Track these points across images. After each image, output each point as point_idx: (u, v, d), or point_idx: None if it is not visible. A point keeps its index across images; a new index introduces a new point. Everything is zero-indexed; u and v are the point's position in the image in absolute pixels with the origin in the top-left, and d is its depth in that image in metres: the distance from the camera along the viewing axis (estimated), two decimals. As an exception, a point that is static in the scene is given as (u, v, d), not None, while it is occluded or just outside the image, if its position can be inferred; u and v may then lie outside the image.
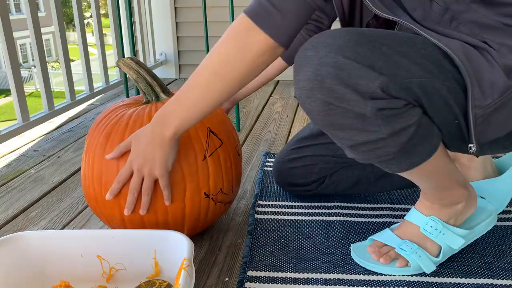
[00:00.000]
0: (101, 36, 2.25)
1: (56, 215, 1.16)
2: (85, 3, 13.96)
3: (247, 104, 2.23)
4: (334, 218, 1.09)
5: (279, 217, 1.11)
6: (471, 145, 0.73)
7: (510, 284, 0.85)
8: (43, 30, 1.83)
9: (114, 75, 2.46)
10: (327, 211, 1.13)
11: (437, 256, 0.88)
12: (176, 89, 0.91)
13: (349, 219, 1.09)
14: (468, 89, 0.69)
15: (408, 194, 1.21)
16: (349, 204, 1.16)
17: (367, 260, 0.90)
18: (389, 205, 1.15)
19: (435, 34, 0.71)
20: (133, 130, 0.89)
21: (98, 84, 2.28)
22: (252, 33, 0.71)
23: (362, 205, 1.15)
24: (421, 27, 0.71)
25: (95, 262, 0.83)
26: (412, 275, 0.87)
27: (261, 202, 1.18)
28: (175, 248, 0.80)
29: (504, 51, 0.69)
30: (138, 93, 1.81)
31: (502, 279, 0.86)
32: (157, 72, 2.91)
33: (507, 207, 1.11)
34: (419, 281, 0.86)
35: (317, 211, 1.13)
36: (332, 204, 1.16)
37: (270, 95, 2.38)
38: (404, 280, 0.86)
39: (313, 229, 1.05)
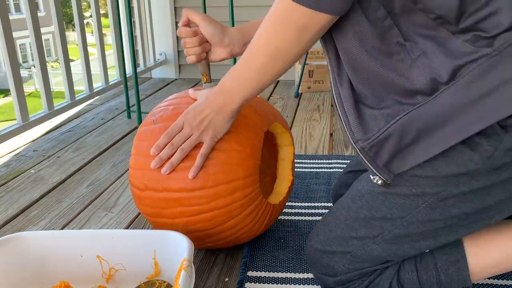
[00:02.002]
0: (101, 36, 2.25)
1: (55, 215, 1.16)
2: (85, 3, 13.96)
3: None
4: (334, 218, 1.09)
5: (280, 217, 1.11)
6: (372, 177, 0.72)
7: (510, 285, 0.85)
8: (42, 30, 1.83)
9: (114, 75, 2.46)
10: (327, 211, 1.13)
11: None
12: (176, 90, 0.91)
13: (349, 219, 1.09)
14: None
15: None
16: (349, 204, 1.16)
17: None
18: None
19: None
20: None
21: (97, 84, 2.28)
22: (302, 12, 0.65)
23: (362, 205, 1.15)
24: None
25: (94, 262, 0.83)
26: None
27: (261, 202, 1.18)
28: (175, 248, 0.80)
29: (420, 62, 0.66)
30: (138, 93, 1.81)
31: (502, 279, 0.86)
32: (157, 72, 2.91)
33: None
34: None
35: (317, 211, 1.13)
36: (331, 204, 1.16)
37: (270, 95, 2.38)
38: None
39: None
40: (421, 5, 0.63)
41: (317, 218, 1.10)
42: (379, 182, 0.71)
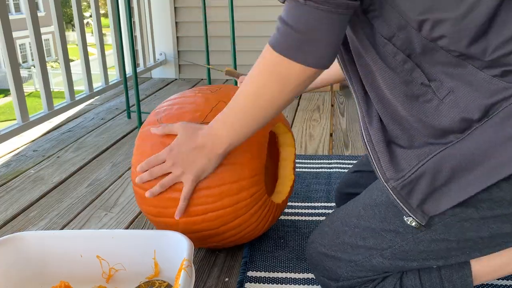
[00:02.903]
0: (101, 36, 2.24)
1: (55, 215, 1.16)
2: (84, 3, 13.96)
3: (247, 104, 2.22)
4: (334, 218, 1.09)
5: (280, 217, 1.11)
6: (406, 218, 0.69)
7: (510, 285, 0.85)
8: (42, 30, 1.83)
9: (114, 75, 2.46)
10: (327, 211, 1.13)
11: None
12: (176, 90, 0.91)
13: (349, 219, 1.09)
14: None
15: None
16: (349, 204, 1.16)
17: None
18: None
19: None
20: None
21: (97, 84, 2.28)
22: (287, 66, 0.67)
23: (362, 205, 1.15)
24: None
25: (94, 262, 0.83)
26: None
27: (261, 202, 1.18)
28: (174, 248, 0.79)
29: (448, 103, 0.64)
30: (138, 93, 1.81)
31: (502, 279, 0.86)
32: (157, 72, 2.90)
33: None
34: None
35: (317, 211, 1.13)
36: (332, 204, 1.16)
37: (270, 95, 2.37)
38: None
39: (313, 229, 1.05)
40: (443, 43, 0.62)
41: (317, 218, 1.10)
42: (413, 224, 0.68)
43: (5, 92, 14.13)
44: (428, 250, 0.70)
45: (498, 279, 0.86)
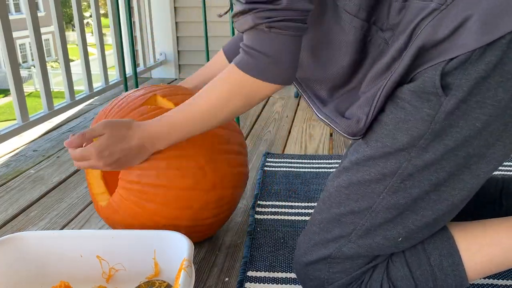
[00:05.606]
0: (101, 36, 2.25)
1: (55, 215, 1.16)
2: (84, 3, 13.95)
3: (247, 104, 2.22)
4: (334, 218, 1.09)
5: (279, 217, 1.11)
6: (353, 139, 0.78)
7: (510, 285, 0.85)
8: (42, 30, 1.83)
9: (114, 75, 2.46)
10: (327, 211, 1.13)
11: None
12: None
13: (349, 219, 1.09)
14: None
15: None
16: (349, 204, 1.16)
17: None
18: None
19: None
20: None
21: (97, 84, 2.28)
22: (257, 85, 0.74)
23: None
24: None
25: (94, 262, 0.83)
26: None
27: (261, 203, 1.18)
28: (175, 248, 0.80)
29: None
30: (137, 93, 1.81)
31: (502, 279, 0.86)
32: (157, 72, 2.91)
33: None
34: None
35: (317, 211, 1.13)
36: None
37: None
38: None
39: (313, 229, 1.05)
40: None
41: (317, 218, 1.10)
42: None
43: (5, 92, 14.13)
44: (386, 220, 0.72)
45: (498, 279, 0.86)
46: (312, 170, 1.37)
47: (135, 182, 0.86)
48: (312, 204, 1.16)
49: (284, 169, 1.39)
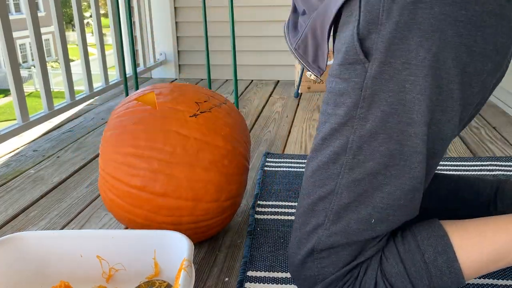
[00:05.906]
0: (101, 36, 2.25)
1: (55, 215, 1.16)
2: (85, 3, 13.96)
3: (247, 104, 2.23)
4: (334, 218, 1.09)
5: (279, 217, 1.11)
6: (308, 73, 0.88)
7: (510, 285, 0.85)
8: (42, 30, 1.83)
9: (114, 75, 2.46)
10: (327, 211, 1.13)
11: None
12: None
13: (349, 219, 1.09)
14: None
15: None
16: (349, 204, 1.16)
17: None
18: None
19: None
20: None
21: (97, 84, 2.28)
22: None
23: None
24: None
25: (94, 262, 0.83)
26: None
27: (261, 202, 1.18)
28: (175, 248, 0.80)
29: None
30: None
31: (502, 279, 0.86)
32: (157, 72, 2.91)
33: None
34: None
35: (317, 211, 1.13)
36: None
37: (270, 95, 2.38)
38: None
39: (313, 229, 1.05)
40: None
41: (317, 218, 1.10)
42: (312, 77, 0.82)
43: (5, 92, 14.14)
44: (352, 199, 0.72)
45: (498, 279, 0.86)
46: (312, 170, 1.37)
47: (102, 169, 0.91)
48: (312, 204, 1.16)
49: (284, 169, 1.39)
